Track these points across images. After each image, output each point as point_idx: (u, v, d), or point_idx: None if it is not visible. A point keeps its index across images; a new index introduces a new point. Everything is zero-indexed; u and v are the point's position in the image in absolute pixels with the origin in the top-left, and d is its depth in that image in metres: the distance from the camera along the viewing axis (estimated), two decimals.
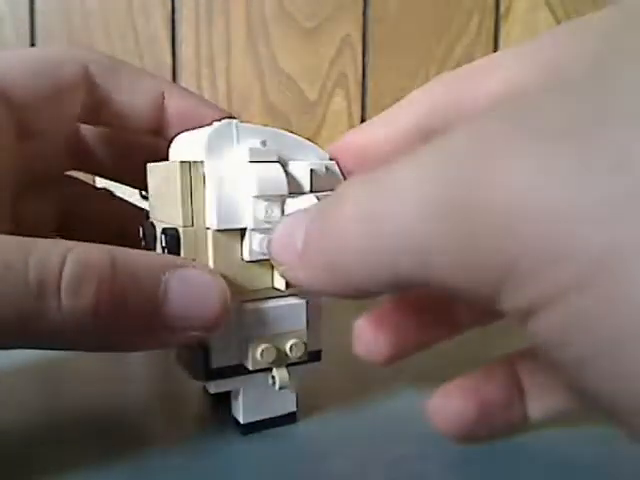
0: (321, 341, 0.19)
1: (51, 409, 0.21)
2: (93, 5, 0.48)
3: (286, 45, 0.50)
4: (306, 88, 0.51)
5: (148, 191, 0.20)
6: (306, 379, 0.19)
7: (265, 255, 0.17)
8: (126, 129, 0.22)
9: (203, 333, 0.16)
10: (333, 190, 0.17)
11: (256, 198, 0.17)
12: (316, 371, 0.19)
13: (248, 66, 0.50)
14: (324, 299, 0.19)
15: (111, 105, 0.21)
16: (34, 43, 0.47)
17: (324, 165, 0.18)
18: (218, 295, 0.16)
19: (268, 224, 0.17)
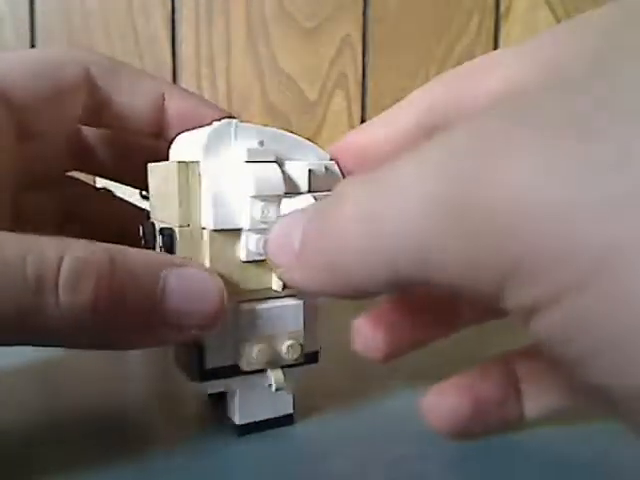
0: (318, 342, 0.19)
1: (51, 409, 0.21)
2: (93, 5, 0.48)
3: (286, 45, 0.50)
4: (306, 88, 0.51)
5: (149, 191, 0.20)
6: (304, 380, 0.19)
7: (262, 256, 0.17)
8: (127, 130, 0.22)
9: (200, 331, 0.16)
10: (332, 190, 0.17)
11: (253, 198, 0.17)
12: (314, 372, 0.19)
13: (248, 66, 0.50)
14: (321, 300, 0.19)
15: (112, 107, 0.21)
16: (34, 43, 0.47)
17: (323, 165, 0.18)
18: (216, 292, 0.16)
19: (264, 224, 0.17)
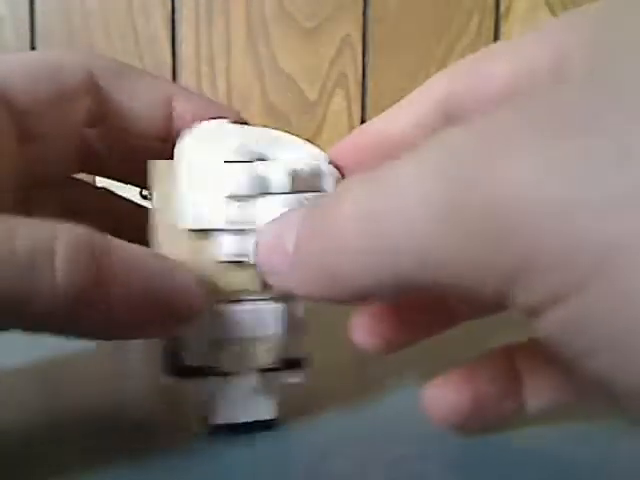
0: (302, 349, 0.19)
1: (51, 409, 0.21)
2: (93, 5, 0.48)
3: (286, 45, 0.50)
4: (306, 88, 0.51)
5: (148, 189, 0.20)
6: (293, 385, 0.19)
7: (238, 257, 0.17)
8: (134, 134, 0.22)
9: (178, 325, 0.16)
10: (316, 191, 0.17)
11: (228, 198, 0.17)
12: (313, 372, 0.19)
13: (248, 66, 0.50)
14: (309, 304, 0.18)
15: (118, 110, 0.21)
16: (34, 43, 0.47)
17: (310, 165, 0.18)
18: (197, 286, 0.16)
19: (241, 225, 0.17)
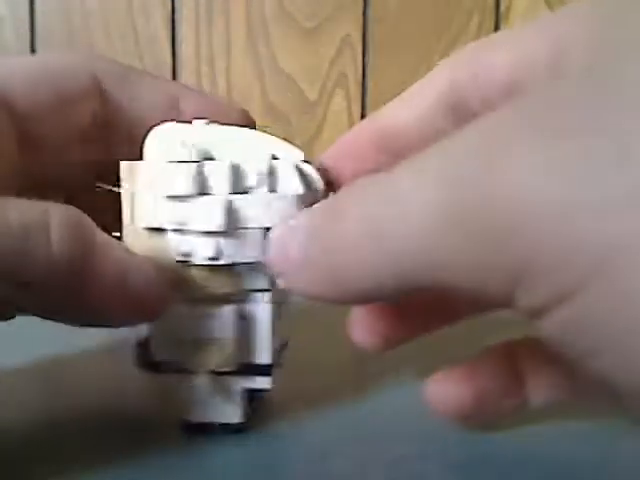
0: (268, 355, 0.18)
1: (51, 408, 0.21)
2: (93, 5, 0.48)
3: (286, 45, 0.50)
4: (306, 88, 0.51)
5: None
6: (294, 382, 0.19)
7: (185, 257, 0.17)
8: (139, 136, 0.22)
9: (140, 318, 0.17)
10: (273, 191, 0.17)
11: (169, 198, 0.17)
12: (313, 372, 0.19)
13: (248, 66, 0.50)
14: (306, 304, 0.18)
15: (124, 113, 0.21)
16: (34, 43, 0.47)
17: (268, 165, 0.17)
18: (161, 283, 0.16)
19: (180, 225, 0.17)
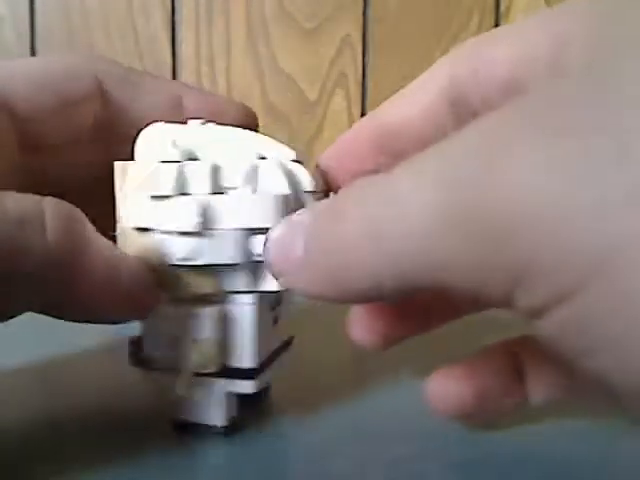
0: (252, 358, 0.18)
1: (51, 408, 0.21)
2: (93, 5, 0.48)
3: (286, 45, 0.50)
4: (306, 88, 0.51)
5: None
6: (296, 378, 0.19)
7: (165, 257, 0.17)
8: None
9: (134, 314, 0.17)
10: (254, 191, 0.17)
11: (152, 198, 0.17)
12: (313, 372, 0.19)
13: (248, 66, 0.50)
14: (305, 303, 0.18)
15: (125, 114, 0.21)
16: (34, 43, 0.47)
17: (250, 165, 0.17)
18: (149, 283, 0.17)
19: (163, 225, 0.17)
